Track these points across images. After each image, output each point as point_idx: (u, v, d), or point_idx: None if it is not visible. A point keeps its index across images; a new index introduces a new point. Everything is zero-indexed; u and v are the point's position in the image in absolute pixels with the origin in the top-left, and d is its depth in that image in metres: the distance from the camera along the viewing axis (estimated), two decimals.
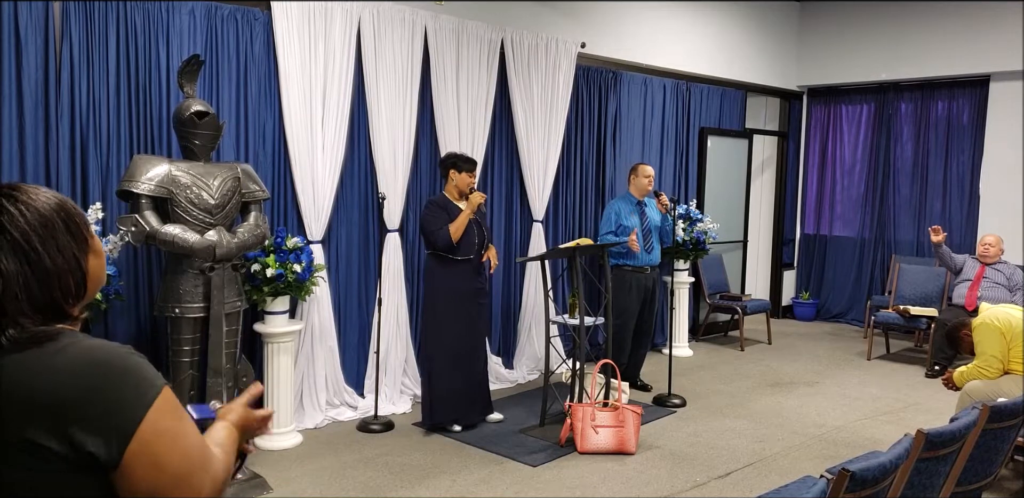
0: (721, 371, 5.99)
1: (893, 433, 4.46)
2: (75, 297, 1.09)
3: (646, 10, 6.43)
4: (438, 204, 4.36)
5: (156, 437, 1.00)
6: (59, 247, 1.07)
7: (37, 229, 1.06)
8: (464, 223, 4.24)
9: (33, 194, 1.09)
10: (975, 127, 7.15)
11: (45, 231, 1.06)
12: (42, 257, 1.05)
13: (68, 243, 1.08)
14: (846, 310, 8.00)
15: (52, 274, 1.06)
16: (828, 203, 8.19)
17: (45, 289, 1.05)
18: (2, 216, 1.05)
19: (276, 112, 4.33)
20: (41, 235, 1.06)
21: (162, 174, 3.42)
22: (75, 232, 1.10)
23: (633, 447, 4.12)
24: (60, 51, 3.59)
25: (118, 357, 1.03)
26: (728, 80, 7.29)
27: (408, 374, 4.98)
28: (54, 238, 1.07)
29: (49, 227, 1.07)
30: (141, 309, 3.87)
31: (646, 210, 5.30)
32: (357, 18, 4.54)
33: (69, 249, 1.08)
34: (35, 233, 1.05)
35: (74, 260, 1.09)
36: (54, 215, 1.08)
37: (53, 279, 1.06)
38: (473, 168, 4.42)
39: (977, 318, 3.93)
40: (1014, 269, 6.00)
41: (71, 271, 1.08)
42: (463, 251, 4.31)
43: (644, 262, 5.28)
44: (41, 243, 1.05)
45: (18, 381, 0.99)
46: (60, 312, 1.07)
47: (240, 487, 3.52)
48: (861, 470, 1.92)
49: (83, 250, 1.11)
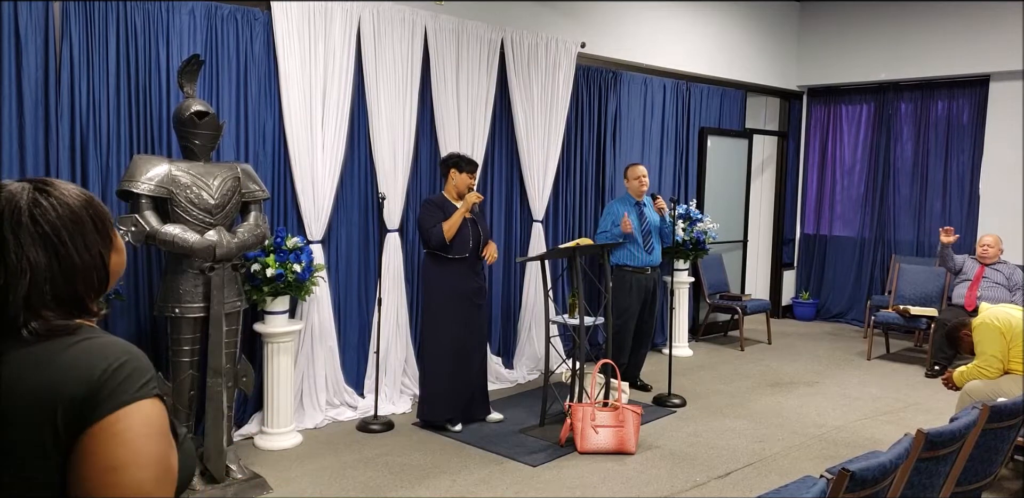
0: (721, 371, 5.99)
1: (893, 433, 4.46)
2: (97, 293, 1.11)
3: (646, 10, 6.43)
4: (435, 203, 4.37)
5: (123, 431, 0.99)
6: (87, 243, 1.09)
7: (67, 224, 1.07)
8: (458, 221, 4.25)
9: (64, 189, 1.10)
10: (975, 127, 7.15)
11: (75, 227, 1.08)
12: (70, 252, 1.06)
13: (95, 239, 1.10)
14: (846, 310, 8.01)
15: (78, 269, 1.07)
16: (828, 203, 8.19)
17: (70, 284, 1.07)
18: (35, 208, 1.06)
19: (276, 112, 4.33)
20: (71, 230, 1.07)
21: (162, 174, 3.42)
22: (101, 229, 1.12)
23: (633, 447, 4.12)
24: (60, 51, 3.59)
25: (128, 356, 1.04)
26: (728, 80, 7.29)
27: (408, 374, 4.98)
28: (82, 234, 1.08)
29: (79, 223, 1.08)
30: (141, 309, 3.87)
31: (645, 210, 5.30)
32: (357, 18, 4.54)
33: (96, 246, 1.10)
34: (65, 228, 1.07)
35: (99, 257, 1.10)
36: (84, 211, 1.10)
37: (79, 274, 1.07)
38: (474, 170, 4.43)
39: (977, 318, 3.93)
40: (1014, 269, 6.00)
41: (95, 267, 1.10)
42: (457, 250, 4.31)
43: (644, 263, 5.27)
44: (70, 238, 1.07)
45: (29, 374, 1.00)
46: (81, 307, 1.08)
47: (240, 487, 3.52)
48: (861, 470, 1.92)
49: (107, 247, 1.13)
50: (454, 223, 4.24)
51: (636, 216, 5.25)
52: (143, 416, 1.01)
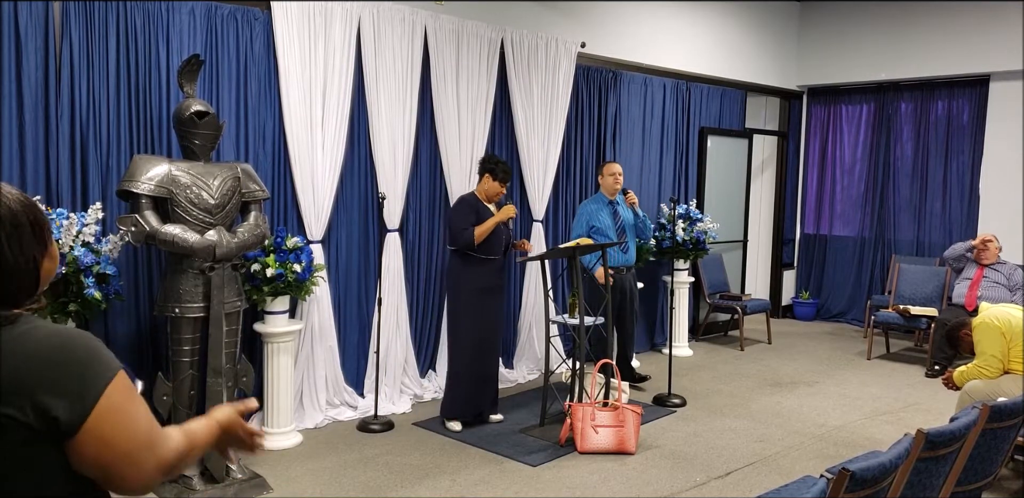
0: (721, 371, 5.99)
1: (893, 433, 4.46)
2: (28, 296, 1.13)
3: (646, 10, 6.43)
4: (469, 203, 4.39)
5: (109, 414, 1.07)
6: (22, 246, 1.10)
7: (6, 226, 1.09)
8: (490, 229, 4.32)
9: (6, 193, 1.12)
10: (975, 127, 7.15)
11: (13, 229, 1.09)
12: (4, 253, 1.08)
13: (31, 243, 1.12)
14: (846, 310, 8.01)
15: (12, 271, 1.09)
16: (828, 203, 8.19)
17: (2, 284, 1.09)
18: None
19: (276, 112, 4.33)
20: (8, 233, 1.09)
21: (162, 174, 3.42)
22: (39, 234, 1.14)
23: (633, 447, 4.12)
24: (60, 51, 3.59)
25: (80, 338, 1.10)
26: (728, 80, 7.29)
27: (408, 374, 4.98)
28: (19, 237, 1.10)
29: (18, 225, 1.10)
30: (141, 309, 3.87)
31: (618, 209, 5.22)
32: (357, 18, 4.53)
33: (30, 250, 1.12)
34: (3, 230, 1.09)
35: (33, 261, 1.13)
36: (23, 215, 1.11)
37: (12, 276, 1.10)
38: (508, 179, 4.44)
39: (977, 318, 3.93)
40: (1014, 269, 6.00)
41: (28, 272, 1.12)
42: (488, 251, 4.37)
43: (620, 262, 5.19)
44: (7, 240, 1.09)
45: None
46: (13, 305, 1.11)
47: (240, 487, 3.52)
48: (861, 470, 1.92)
49: (42, 253, 1.15)
50: (486, 230, 4.29)
51: (610, 215, 5.18)
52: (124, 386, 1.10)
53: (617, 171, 5.21)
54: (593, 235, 5.10)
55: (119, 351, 3.80)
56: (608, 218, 5.16)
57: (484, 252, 4.36)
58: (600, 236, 5.08)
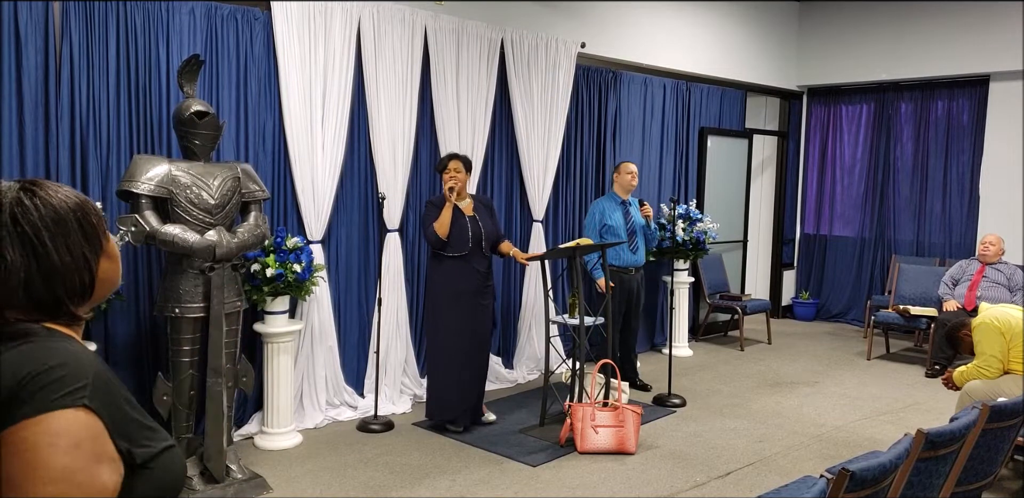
0: (721, 371, 5.99)
1: (893, 433, 4.46)
2: (80, 297, 1.09)
3: (646, 10, 6.43)
4: (434, 203, 4.39)
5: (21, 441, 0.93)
6: (69, 246, 1.07)
7: (49, 225, 1.06)
8: (446, 218, 4.24)
9: (52, 191, 1.09)
10: (975, 127, 7.15)
11: (57, 228, 1.06)
12: (50, 253, 1.05)
13: (79, 242, 1.08)
14: (846, 310, 8.01)
15: (58, 271, 1.06)
16: (828, 203, 8.19)
17: (48, 286, 1.05)
18: (17, 208, 1.05)
19: (276, 112, 4.33)
20: (52, 231, 1.06)
21: (162, 174, 3.42)
22: (89, 233, 1.10)
23: (633, 447, 4.12)
24: (60, 51, 3.59)
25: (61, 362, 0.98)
26: (728, 80, 7.29)
27: (408, 374, 4.98)
28: (65, 236, 1.07)
29: (62, 224, 1.07)
30: (141, 309, 3.87)
31: (631, 210, 5.26)
32: (357, 18, 4.53)
33: (79, 249, 1.08)
34: (46, 229, 1.06)
35: (83, 260, 1.08)
36: (69, 214, 1.08)
37: (59, 276, 1.06)
38: (446, 163, 4.35)
39: (977, 318, 3.93)
40: (1014, 269, 6.00)
41: (78, 270, 1.08)
42: (454, 248, 4.31)
43: (629, 263, 5.22)
44: (51, 239, 1.06)
45: None
46: (61, 310, 1.07)
47: (240, 487, 3.52)
48: (861, 470, 1.92)
49: (95, 252, 1.11)
50: (443, 220, 4.24)
51: (622, 215, 5.20)
52: (55, 427, 0.94)
53: (634, 170, 5.29)
54: (604, 234, 5.12)
55: (119, 351, 3.81)
56: (620, 217, 5.19)
57: (450, 249, 4.31)
58: (611, 235, 5.11)
